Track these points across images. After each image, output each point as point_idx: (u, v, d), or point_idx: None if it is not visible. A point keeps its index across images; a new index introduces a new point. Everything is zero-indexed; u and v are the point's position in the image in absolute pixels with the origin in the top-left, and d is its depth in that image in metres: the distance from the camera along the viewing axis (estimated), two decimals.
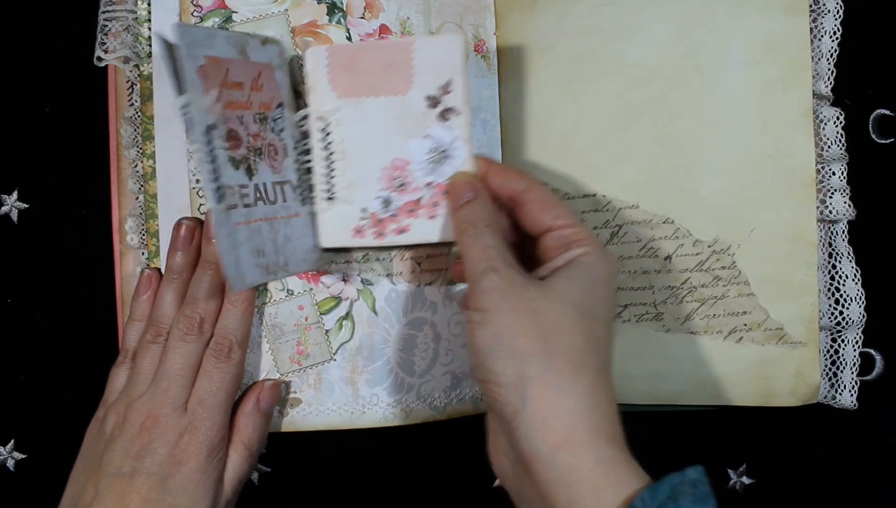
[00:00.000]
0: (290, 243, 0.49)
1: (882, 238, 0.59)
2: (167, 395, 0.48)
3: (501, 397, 0.41)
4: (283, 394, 0.55)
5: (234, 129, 0.46)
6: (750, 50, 0.54)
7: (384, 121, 0.50)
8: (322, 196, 0.50)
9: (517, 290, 0.42)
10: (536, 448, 0.40)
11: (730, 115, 0.54)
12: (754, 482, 0.60)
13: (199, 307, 0.50)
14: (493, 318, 0.42)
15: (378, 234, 0.50)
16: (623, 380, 0.56)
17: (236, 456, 0.51)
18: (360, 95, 0.49)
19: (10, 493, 0.58)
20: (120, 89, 0.55)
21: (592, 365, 0.41)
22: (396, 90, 0.49)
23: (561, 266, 0.45)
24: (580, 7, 0.55)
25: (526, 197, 0.47)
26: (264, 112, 0.49)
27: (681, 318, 0.56)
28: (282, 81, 0.50)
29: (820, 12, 0.54)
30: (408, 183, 0.50)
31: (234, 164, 0.46)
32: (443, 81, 0.49)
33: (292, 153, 0.51)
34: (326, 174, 0.50)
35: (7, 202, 0.58)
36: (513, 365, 0.41)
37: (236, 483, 0.50)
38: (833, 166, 0.55)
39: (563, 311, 0.42)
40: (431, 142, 0.49)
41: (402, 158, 0.50)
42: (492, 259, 0.43)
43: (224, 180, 0.46)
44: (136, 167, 0.55)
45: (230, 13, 0.53)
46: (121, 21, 0.54)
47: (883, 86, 0.59)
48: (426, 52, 0.49)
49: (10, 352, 0.58)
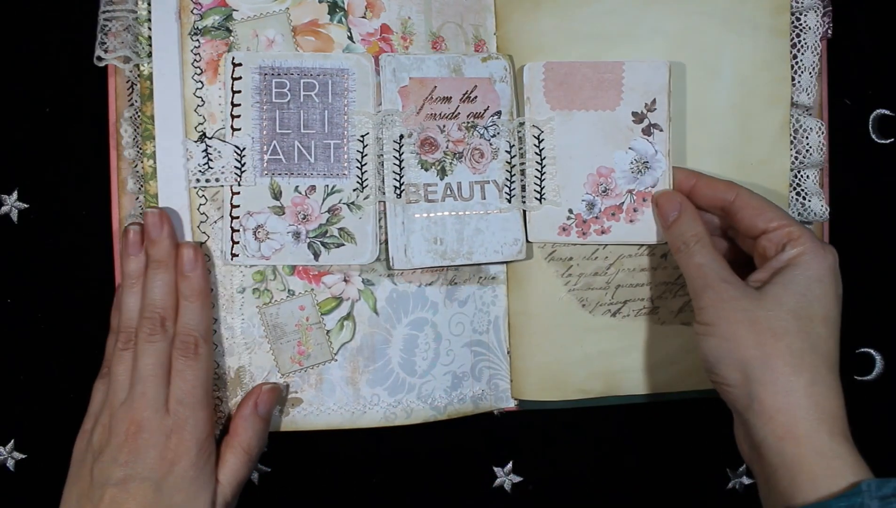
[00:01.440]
0: (480, 235, 0.55)
1: (882, 238, 0.59)
2: (145, 398, 0.48)
3: (733, 396, 0.47)
4: (284, 394, 0.55)
5: (432, 136, 0.54)
6: (739, 65, 0.56)
7: (593, 132, 0.55)
8: (533, 196, 0.55)
9: (733, 302, 0.47)
10: (765, 437, 0.45)
11: (720, 123, 0.56)
12: (754, 482, 0.60)
13: (158, 307, 0.50)
14: (715, 330, 0.47)
15: (581, 233, 0.55)
16: (623, 373, 0.57)
17: (235, 460, 0.51)
18: (572, 107, 0.55)
19: (10, 493, 0.58)
20: (120, 89, 0.55)
21: (809, 364, 0.46)
22: (606, 105, 0.55)
23: (778, 268, 0.48)
24: (584, 12, 0.55)
25: (737, 205, 0.51)
26: (474, 120, 0.55)
27: (674, 311, 0.57)
28: (503, 92, 0.56)
29: (802, 28, 0.57)
30: (611, 189, 0.55)
31: (424, 166, 0.54)
32: (649, 100, 0.54)
33: (504, 155, 0.55)
34: (538, 177, 0.55)
35: (7, 202, 0.57)
36: (738, 370, 0.46)
37: (235, 485, 0.50)
38: (809, 172, 0.57)
39: (778, 317, 0.46)
40: (635, 153, 0.55)
41: (607, 166, 0.55)
42: (707, 277, 0.48)
43: (409, 179, 0.54)
44: (135, 167, 0.54)
45: (230, 11, 0.53)
46: (121, 21, 0.54)
47: (883, 86, 0.59)
48: (636, 72, 0.54)
49: (10, 352, 0.58)
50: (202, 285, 0.51)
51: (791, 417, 0.44)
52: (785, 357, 0.45)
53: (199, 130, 0.53)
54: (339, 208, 0.54)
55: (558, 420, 0.60)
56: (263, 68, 0.53)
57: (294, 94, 0.53)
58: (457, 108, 0.55)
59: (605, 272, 0.57)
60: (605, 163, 0.55)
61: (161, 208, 0.52)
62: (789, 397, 0.45)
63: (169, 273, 0.51)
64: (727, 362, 0.47)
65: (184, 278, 0.51)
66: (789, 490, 0.44)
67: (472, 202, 0.55)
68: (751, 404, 0.46)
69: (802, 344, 0.46)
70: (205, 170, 0.53)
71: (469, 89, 0.55)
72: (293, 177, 0.53)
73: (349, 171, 0.54)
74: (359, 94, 0.54)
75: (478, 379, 0.57)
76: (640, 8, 0.56)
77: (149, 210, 0.52)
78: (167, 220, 0.52)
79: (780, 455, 0.45)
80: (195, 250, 0.51)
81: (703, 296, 0.48)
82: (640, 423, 0.60)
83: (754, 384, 0.45)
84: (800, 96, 0.56)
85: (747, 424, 0.46)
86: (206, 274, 0.52)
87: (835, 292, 0.48)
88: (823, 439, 0.44)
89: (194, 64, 0.53)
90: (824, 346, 0.46)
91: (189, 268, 0.51)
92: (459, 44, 0.56)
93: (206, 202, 0.53)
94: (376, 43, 0.54)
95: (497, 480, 0.60)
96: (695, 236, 0.50)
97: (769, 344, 0.46)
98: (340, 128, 0.54)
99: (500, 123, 0.55)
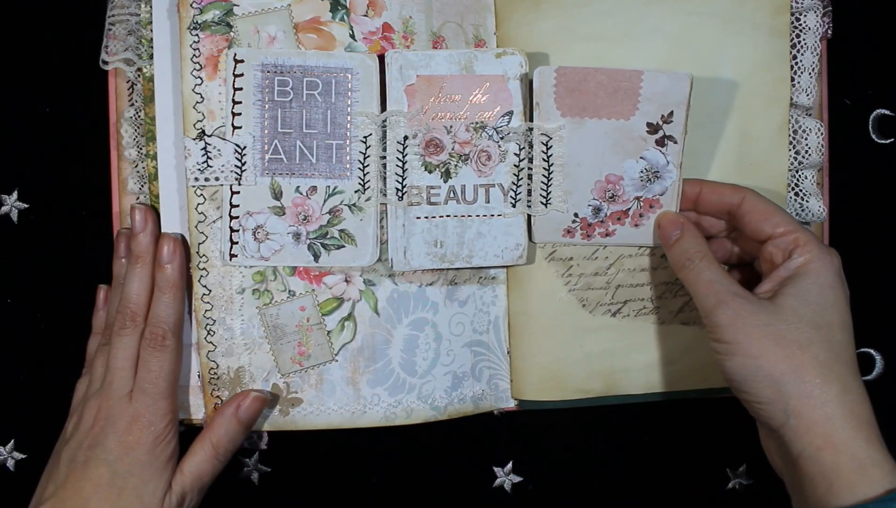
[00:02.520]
0: (481, 239, 0.54)
1: (882, 238, 0.59)
2: (111, 388, 0.50)
3: (767, 413, 0.46)
4: (285, 394, 0.55)
5: (438, 137, 0.53)
6: (738, 66, 0.56)
7: (604, 140, 0.54)
8: (539, 201, 0.54)
9: (751, 318, 0.47)
10: (803, 449, 0.45)
11: (717, 125, 0.56)
12: (754, 482, 0.60)
13: (132, 302, 0.52)
14: (739, 348, 0.46)
15: (586, 236, 0.55)
16: (623, 373, 0.57)
17: (201, 453, 0.51)
18: (584, 115, 0.53)
19: (10, 493, 0.58)
20: (120, 90, 0.55)
21: (838, 373, 0.46)
22: (620, 114, 0.53)
23: (787, 277, 0.48)
24: (586, 12, 0.55)
25: (743, 209, 0.51)
26: (482, 121, 0.53)
27: (674, 310, 0.57)
28: (515, 91, 0.54)
29: (802, 29, 0.56)
30: (618, 196, 0.54)
31: (427, 168, 0.53)
32: (666, 112, 0.53)
33: (512, 158, 0.54)
34: (545, 183, 0.54)
35: (7, 202, 0.57)
36: (770, 387, 0.46)
37: (196, 478, 0.51)
38: (807, 172, 0.57)
39: (799, 329, 0.46)
40: (646, 163, 0.53)
41: (616, 174, 0.54)
42: (718, 293, 0.48)
43: (411, 181, 0.53)
44: (136, 168, 0.54)
45: (230, 6, 0.53)
46: (124, 24, 0.54)
47: (883, 86, 0.59)
48: (655, 83, 0.53)
49: (10, 352, 0.57)
50: (177, 278, 0.52)
51: (828, 428, 0.45)
52: (815, 369, 0.45)
53: (198, 127, 0.53)
54: (340, 210, 0.54)
55: (558, 420, 0.60)
56: (266, 66, 0.53)
57: (297, 92, 0.53)
58: (465, 107, 0.54)
59: (605, 273, 0.57)
60: (614, 171, 0.54)
61: (147, 205, 0.53)
62: (825, 408, 0.45)
63: (146, 269, 0.52)
64: (758, 379, 0.46)
65: (160, 270, 0.52)
66: (826, 496, 0.44)
67: (476, 206, 0.54)
68: (787, 419, 0.45)
69: (827, 353, 0.46)
70: (204, 168, 0.52)
71: (480, 87, 0.54)
72: (294, 177, 0.53)
73: (351, 172, 0.54)
74: (362, 94, 0.54)
75: (478, 379, 0.57)
76: (639, 8, 0.55)
77: (136, 206, 0.53)
78: (151, 217, 0.53)
79: (817, 465, 0.45)
80: (174, 243, 0.52)
81: (717, 313, 0.47)
82: (641, 423, 0.60)
83: (789, 399, 0.45)
84: (799, 97, 0.56)
85: (783, 439, 0.46)
86: (184, 268, 0.53)
87: (845, 296, 0.48)
88: (861, 446, 0.44)
89: (193, 59, 0.52)
90: (846, 353, 0.47)
91: (166, 259, 0.52)
92: (460, 43, 0.56)
93: (205, 201, 0.53)
94: (378, 42, 0.54)
95: (497, 480, 0.60)
96: (699, 253, 0.50)
97: (797, 357, 0.46)
98: (343, 128, 0.54)
99: (512, 124, 0.54)
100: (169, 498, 0.49)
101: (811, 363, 0.46)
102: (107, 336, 0.52)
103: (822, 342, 0.46)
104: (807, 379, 0.45)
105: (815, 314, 0.47)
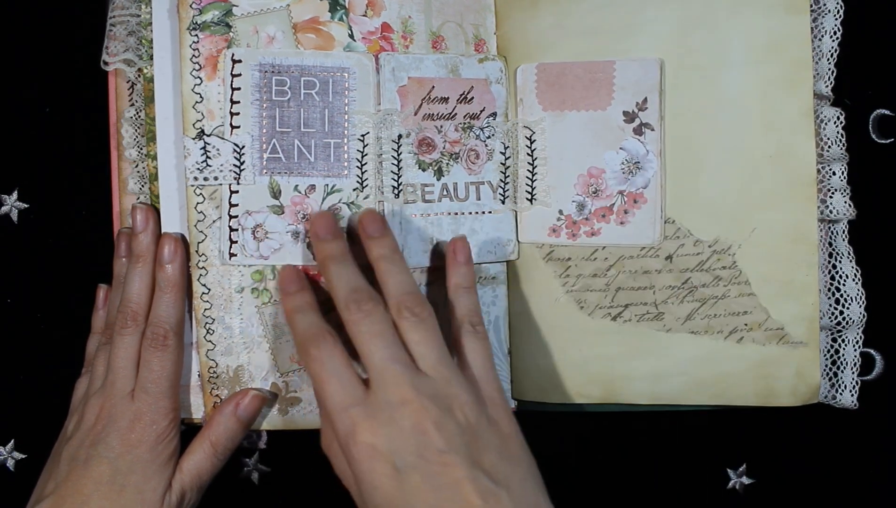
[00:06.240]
0: (474, 235, 0.55)
1: (882, 238, 0.59)
2: (113, 387, 0.50)
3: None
4: (284, 393, 0.55)
5: (430, 137, 0.54)
6: (751, 50, 0.53)
7: (584, 132, 0.55)
8: (524, 196, 0.55)
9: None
10: None
11: (730, 115, 0.54)
12: (754, 482, 0.60)
13: (133, 301, 0.52)
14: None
15: (572, 235, 0.55)
16: (624, 380, 0.56)
17: (200, 451, 0.51)
18: (564, 108, 0.55)
19: (10, 493, 0.58)
20: (120, 90, 0.55)
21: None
22: (597, 105, 0.54)
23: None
24: (582, 6, 0.55)
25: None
26: (470, 121, 0.55)
27: (681, 318, 0.56)
28: (498, 93, 0.56)
29: (820, 12, 0.54)
30: (601, 190, 0.55)
31: (421, 166, 0.54)
32: (640, 99, 0.54)
33: (499, 157, 0.56)
34: (529, 178, 0.55)
35: (7, 202, 0.58)
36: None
37: (195, 476, 0.51)
38: (833, 166, 0.55)
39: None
40: (626, 154, 0.54)
41: (598, 166, 0.54)
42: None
43: (406, 179, 0.54)
44: (137, 168, 0.55)
45: (230, 7, 0.53)
46: (125, 25, 0.54)
47: (883, 86, 0.59)
48: (626, 71, 0.54)
49: (10, 352, 0.58)
50: (178, 278, 0.52)
51: None
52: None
53: (198, 127, 0.53)
54: (338, 208, 0.54)
55: (558, 421, 0.60)
56: (264, 66, 0.53)
57: (294, 92, 0.53)
58: (454, 108, 0.55)
59: (604, 274, 0.56)
60: (595, 163, 0.54)
61: (148, 205, 0.53)
62: None
63: (147, 268, 0.52)
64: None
65: (161, 269, 0.52)
66: None
67: (468, 203, 0.55)
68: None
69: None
70: (203, 168, 0.53)
71: (466, 90, 0.55)
72: (293, 176, 0.53)
73: (349, 170, 0.54)
74: (359, 93, 0.54)
75: None
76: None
77: (137, 205, 0.53)
78: (153, 217, 0.53)
79: None
80: (175, 243, 0.52)
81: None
82: (641, 423, 0.60)
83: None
84: (817, 84, 0.54)
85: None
86: (185, 267, 0.53)
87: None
88: None
89: (193, 59, 0.53)
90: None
91: (167, 259, 0.52)
92: (460, 43, 0.56)
93: (204, 201, 0.53)
94: (377, 42, 0.54)
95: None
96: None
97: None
98: (341, 127, 0.54)
99: (495, 124, 0.56)
100: (169, 497, 0.50)
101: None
102: (107, 336, 0.53)
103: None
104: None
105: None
